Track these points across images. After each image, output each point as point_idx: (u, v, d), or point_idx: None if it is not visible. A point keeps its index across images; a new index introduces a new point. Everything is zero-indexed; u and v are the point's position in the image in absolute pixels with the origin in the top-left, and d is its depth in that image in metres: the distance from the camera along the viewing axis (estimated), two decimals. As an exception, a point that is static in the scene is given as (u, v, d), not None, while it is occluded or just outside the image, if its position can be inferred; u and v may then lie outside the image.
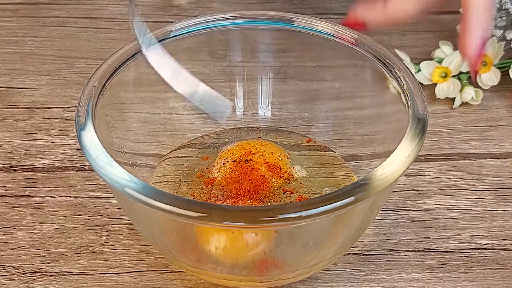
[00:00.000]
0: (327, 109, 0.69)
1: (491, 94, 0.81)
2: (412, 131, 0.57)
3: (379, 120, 0.66)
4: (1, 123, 0.78)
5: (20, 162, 0.74)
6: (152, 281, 0.64)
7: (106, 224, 0.69)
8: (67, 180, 0.73)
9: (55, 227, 0.69)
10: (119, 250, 0.67)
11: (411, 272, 0.65)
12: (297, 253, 0.59)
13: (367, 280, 0.65)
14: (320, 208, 0.51)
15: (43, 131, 0.78)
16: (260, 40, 0.68)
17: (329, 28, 0.66)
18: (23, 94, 0.82)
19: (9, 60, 0.86)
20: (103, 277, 0.65)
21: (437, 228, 0.68)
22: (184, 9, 0.93)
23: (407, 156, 0.55)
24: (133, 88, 0.65)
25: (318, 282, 0.64)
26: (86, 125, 0.57)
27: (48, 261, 0.66)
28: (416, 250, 0.67)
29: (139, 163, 0.66)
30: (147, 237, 0.64)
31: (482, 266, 0.65)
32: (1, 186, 0.72)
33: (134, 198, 0.53)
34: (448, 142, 0.76)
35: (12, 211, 0.70)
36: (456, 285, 0.64)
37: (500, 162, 0.74)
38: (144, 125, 0.68)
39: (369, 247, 0.67)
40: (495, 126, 0.78)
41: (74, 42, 0.88)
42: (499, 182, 0.72)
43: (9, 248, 0.67)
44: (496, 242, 0.67)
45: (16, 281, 0.65)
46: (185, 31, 0.66)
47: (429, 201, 0.71)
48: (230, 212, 0.52)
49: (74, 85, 0.83)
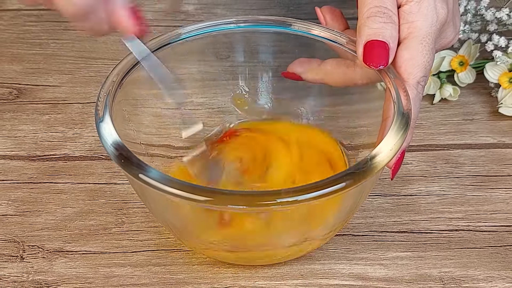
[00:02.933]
0: (320, 104, 0.69)
1: (467, 91, 0.81)
2: (396, 125, 0.56)
3: (367, 114, 0.66)
4: (27, 117, 0.78)
5: (44, 152, 0.74)
6: (163, 259, 0.64)
7: (121, 207, 0.69)
8: (86, 168, 0.73)
9: (75, 211, 0.69)
10: (133, 231, 0.67)
11: (396, 251, 0.65)
12: (292, 233, 0.60)
13: (355, 258, 0.65)
14: (312, 193, 0.51)
15: (65, 124, 0.77)
16: (260, 42, 0.68)
17: (323, 31, 0.66)
18: (47, 91, 0.82)
19: (34, 60, 0.86)
20: (119, 255, 0.65)
21: (419, 211, 0.68)
22: (191, 15, 0.93)
23: (391, 149, 0.55)
24: (146, 85, 0.65)
25: (312, 260, 0.64)
26: (104, 117, 0.57)
27: (69, 241, 0.66)
28: (400, 231, 0.67)
29: (152, 152, 0.65)
30: (158, 219, 0.64)
31: (459, 245, 0.65)
32: (27, 174, 0.72)
33: (147, 184, 0.53)
34: (428, 134, 0.76)
35: (37, 196, 0.70)
36: (436, 263, 0.64)
37: (475, 152, 0.74)
38: (155, 119, 0.67)
39: (357, 228, 0.67)
40: (471, 119, 0.77)
41: (93, 44, 0.88)
42: (474, 170, 0.72)
43: (34, 230, 0.67)
44: (472, 224, 0.67)
45: (40, 259, 0.65)
46: (193, 34, 0.66)
47: (411, 187, 0.71)
48: (232, 196, 0.52)
49: (93, 83, 0.83)
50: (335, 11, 0.67)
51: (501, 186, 0.71)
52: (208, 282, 0.63)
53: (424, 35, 0.61)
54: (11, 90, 0.82)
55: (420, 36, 0.61)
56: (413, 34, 0.61)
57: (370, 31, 0.60)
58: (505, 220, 0.68)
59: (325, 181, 0.52)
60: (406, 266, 0.64)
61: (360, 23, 0.61)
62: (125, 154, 0.55)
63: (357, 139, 0.66)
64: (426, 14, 0.61)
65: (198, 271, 0.64)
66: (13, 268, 0.64)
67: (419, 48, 0.61)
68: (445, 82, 0.79)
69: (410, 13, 0.61)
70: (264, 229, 0.60)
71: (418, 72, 0.61)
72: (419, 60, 0.61)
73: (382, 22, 0.60)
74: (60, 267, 0.64)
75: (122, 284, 0.63)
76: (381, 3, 0.60)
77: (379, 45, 0.60)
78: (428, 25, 0.61)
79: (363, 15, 0.61)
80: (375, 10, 0.60)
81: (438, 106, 0.79)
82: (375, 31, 0.60)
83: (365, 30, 0.60)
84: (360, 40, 0.61)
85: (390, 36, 0.60)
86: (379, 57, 0.60)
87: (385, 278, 0.63)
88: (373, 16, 0.60)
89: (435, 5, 0.62)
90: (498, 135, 0.76)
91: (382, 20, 0.60)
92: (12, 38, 0.89)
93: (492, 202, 0.69)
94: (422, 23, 0.61)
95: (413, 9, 0.61)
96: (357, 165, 0.54)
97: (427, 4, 0.61)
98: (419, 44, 0.61)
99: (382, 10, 0.60)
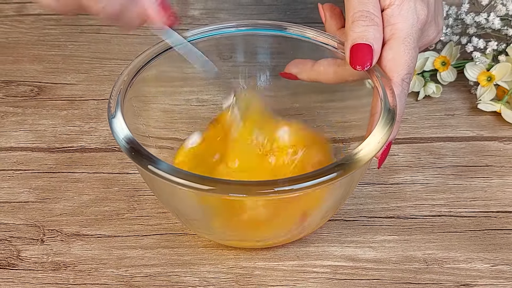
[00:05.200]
0: (314, 101, 0.68)
1: (449, 88, 0.80)
2: (383, 120, 0.56)
3: (357, 110, 0.65)
4: (47, 112, 0.78)
5: (62, 144, 0.74)
6: (170, 242, 0.64)
7: (133, 195, 0.69)
8: (100, 159, 0.72)
9: (91, 198, 0.68)
10: (144, 217, 0.67)
11: (383, 235, 0.65)
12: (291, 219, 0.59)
13: (347, 241, 0.64)
14: (307, 183, 0.51)
15: (81, 119, 0.77)
16: (259, 44, 0.68)
17: (317, 35, 0.65)
18: (65, 88, 0.81)
19: (53, 61, 0.85)
20: (130, 238, 0.65)
21: (405, 198, 0.68)
22: (197, 19, 0.92)
23: (378, 142, 0.55)
24: (154, 83, 0.65)
25: (307, 243, 0.64)
26: (116, 113, 0.57)
27: (85, 225, 0.66)
28: (387, 217, 0.66)
29: (160, 145, 0.65)
30: (165, 205, 0.64)
31: (441, 230, 0.65)
32: (47, 164, 0.72)
33: (156, 174, 0.52)
34: (413, 128, 0.76)
35: (56, 185, 0.70)
36: (420, 246, 0.64)
37: (456, 145, 0.74)
38: (163, 114, 0.67)
39: (348, 214, 0.67)
40: (452, 115, 0.77)
41: (107, 46, 0.88)
42: (455, 161, 0.72)
43: (53, 215, 0.67)
44: (453, 210, 0.67)
45: (59, 242, 0.64)
46: (198, 37, 0.65)
47: (398, 176, 0.70)
48: (233, 185, 0.52)
49: (107, 81, 0.82)
50: (335, 9, 0.67)
51: (479, 175, 0.70)
52: (212, 263, 0.63)
53: (405, 35, 0.61)
54: (32, 88, 0.81)
55: (401, 37, 0.61)
56: (396, 35, 0.61)
57: (354, 35, 0.60)
58: (483, 206, 0.67)
59: (318, 172, 0.52)
60: (393, 249, 0.64)
61: (347, 28, 0.61)
62: (135, 147, 0.54)
63: (348, 132, 0.66)
64: (406, 16, 0.61)
65: (203, 253, 0.63)
66: (34, 250, 0.64)
67: (402, 48, 0.61)
68: (429, 80, 0.79)
69: (392, 16, 0.61)
70: (264, 222, 0.60)
71: (402, 70, 0.61)
72: (402, 59, 0.61)
73: (365, 25, 0.60)
74: (77, 249, 0.64)
75: (134, 265, 0.62)
76: (364, 7, 0.60)
77: (363, 47, 0.60)
78: (409, 26, 0.61)
79: (348, 20, 0.61)
80: (358, 14, 0.60)
81: (422, 103, 0.79)
82: (359, 35, 0.60)
83: (351, 35, 0.60)
84: (347, 45, 0.61)
85: (373, 38, 0.60)
86: (364, 59, 0.60)
87: (374, 259, 0.63)
88: (357, 20, 0.60)
89: (415, 7, 0.62)
90: (477, 129, 0.75)
91: (365, 23, 0.60)
92: (33, 40, 0.89)
93: (471, 190, 0.69)
94: (403, 25, 0.61)
95: (395, 12, 0.61)
96: (347, 156, 0.53)
97: (407, 6, 0.61)
98: (402, 44, 0.61)
99: (364, 14, 0.60)
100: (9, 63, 0.85)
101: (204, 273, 0.62)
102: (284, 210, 0.58)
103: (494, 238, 0.65)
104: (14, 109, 0.79)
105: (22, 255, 0.63)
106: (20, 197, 0.69)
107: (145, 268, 0.62)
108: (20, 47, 0.88)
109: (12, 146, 0.74)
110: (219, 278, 0.62)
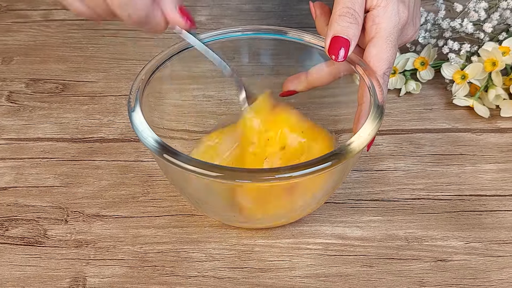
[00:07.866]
0: (308, 96, 0.68)
1: (428, 86, 0.80)
2: (373, 115, 0.56)
3: (347, 105, 0.65)
4: (70, 107, 0.78)
5: (84, 135, 0.74)
6: (180, 222, 0.64)
7: (147, 180, 0.68)
8: (118, 148, 0.72)
9: (109, 183, 0.68)
10: (156, 200, 0.66)
11: (369, 216, 0.65)
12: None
13: (337, 221, 0.64)
14: (305, 170, 0.51)
15: (101, 113, 0.77)
16: (260, 47, 0.67)
17: (312, 38, 0.65)
18: (86, 86, 0.81)
19: (76, 61, 0.85)
20: (145, 219, 0.64)
21: (388, 183, 0.68)
22: (203, 24, 0.92)
23: (369, 134, 0.55)
24: (168, 81, 0.64)
25: (301, 223, 0.64)
26: (135, 108, 0.57)
27: (104, 207, 0.66)
28: (373, 200, 0.66)
29: (173, 136, 0.65)
30: (177, 189, 0.63)
31: (421, 211, 0.65)
32: (70, 153, 0.71)
33: (169, 162, 0.52)
34: (396, 120, 0.75)
35: (78, 171, 0.69)
36: (401, 225, 0.64)
37: (434, 136, 0.73)
38: (175, 109, 0.67)
39: (338, 197, 0.66)
40: (431, 109, 0.77)
41: (123, 48, 0.88)
42: (433, 150, 0.72)
43: (76, 198, 0.66)
44: (431, 193, 0.67)
45: (81, 222, 0.64)
46: (205, 41, 0.65)
47: (382, 163, 0.70)
48: (239, 172, 0.51)
49: (124, 79, 0.82)
50: (325, 7, 0.67)
51: (454, 163, 0.70)
52: (217, 241, 0.62)
53: (388, 34, 0.61)
54: (57, 85, 0.81)
55: (384, 35, 0.61)
56: (379, 34, 0.61)
57: (338, 28, 0.60)
58: (457, 190, 0.67)
59: (315, 160, 0.52)
60: (378, 228, 0.63)
61: (332, 19, 0.61)
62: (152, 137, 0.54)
63: (339, 125, 0.66)
64: (390, 17, 0.61)
65: (209, 232, 0.63)
66: (59, 230, 0.63)
67: (384, 45, 0.61)
68: (409, 78, 0.79)
69: (377, 16, 0.61)
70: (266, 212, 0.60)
71: (383, 65, 0.61)
72: (384, 55, 0.61)
73: (349, 22, 0.60)
74: (97, 229, 0.64)
75: (147, 242, 0.62)
76: (351, 5, 0.60)
77: (342, 40, 0.60)
78: (391, 26, 0.61)
79: (335, 13, 0.61)
80: (345, 10, 0.60)
81: (403, 98, 0.78)
82: (342, 29, 0.60)
83: (335, 26, 0.60)
84: (329, 33, 0.61)
85: (353, 35, 0.60)
86: (340, 51, 0.60)
87: (361, 237, 0.63)
88: (343, 15, 0.60)
89: (398, 9, 0.62)
90: (452, 121, 0.75)
91: (350, 20, 0.60)
92: (58, 43, 0.89)
93: (447, 176, 0.69)
94: (387, 25, 0.61)
95: (380, 13, 0.61)
96: (341, 147, 0.53)
97: (391, 9, 0.62)
98: (384, 42, 0.61)
99: (351, 12, 0.60)
100: (37, 63, 0.85)
101: (210, 249, 0.62)
102: (290, 194, 0.58)
103: (467, 218, 0.64)
104: (41, 104, 0.78)
105: (48, 233, 0.63)
106: (46, 182, 0.68)
107: (157, 245, 0.62)
108: (47, 49, 0.88)
109: (39, 137, 0.74)
110: (223, 254, 0.61)
